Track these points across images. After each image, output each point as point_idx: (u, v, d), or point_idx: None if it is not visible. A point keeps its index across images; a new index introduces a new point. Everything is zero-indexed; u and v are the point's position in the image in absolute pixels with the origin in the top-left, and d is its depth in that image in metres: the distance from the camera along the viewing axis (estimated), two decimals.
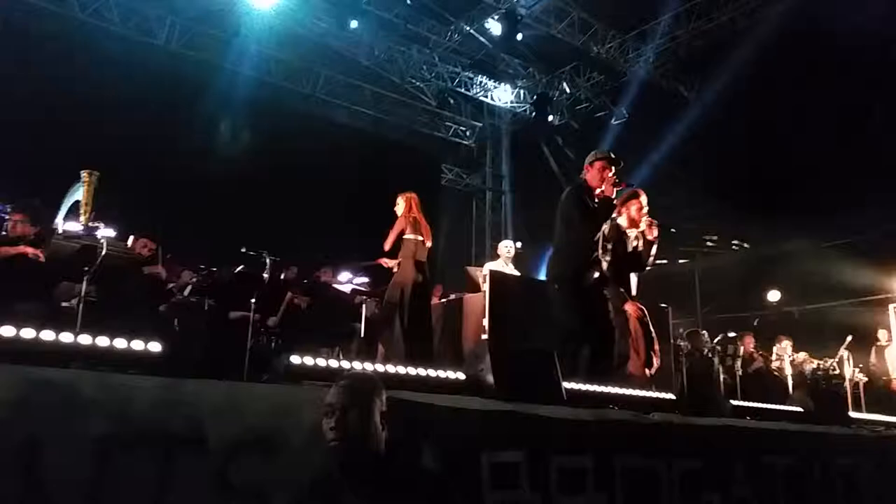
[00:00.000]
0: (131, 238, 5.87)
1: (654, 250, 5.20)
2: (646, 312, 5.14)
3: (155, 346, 3.18)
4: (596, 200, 5.02)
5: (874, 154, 10.77)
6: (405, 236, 6.36)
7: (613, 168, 5.07)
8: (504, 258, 7.86)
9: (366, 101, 13.60)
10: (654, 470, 4.06)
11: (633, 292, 5.21)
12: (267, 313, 6.38)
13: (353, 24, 11.50)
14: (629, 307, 5.03)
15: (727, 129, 12.23)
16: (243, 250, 5.58)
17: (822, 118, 11.11)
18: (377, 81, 13.46)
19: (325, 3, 11.33)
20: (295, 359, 3.16)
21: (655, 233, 5.17)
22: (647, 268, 5.28)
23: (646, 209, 5.22)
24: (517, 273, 7.74)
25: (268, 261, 5.42)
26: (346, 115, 13.26)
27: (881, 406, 8.43)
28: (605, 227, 5.04)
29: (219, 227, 8.63)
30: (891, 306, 10.47)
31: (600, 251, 4.99)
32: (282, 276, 6.58)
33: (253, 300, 5.14)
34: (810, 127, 11.12)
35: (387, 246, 6.34)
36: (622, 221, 5.18)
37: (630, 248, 5.21)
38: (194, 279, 6.64)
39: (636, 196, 5.26)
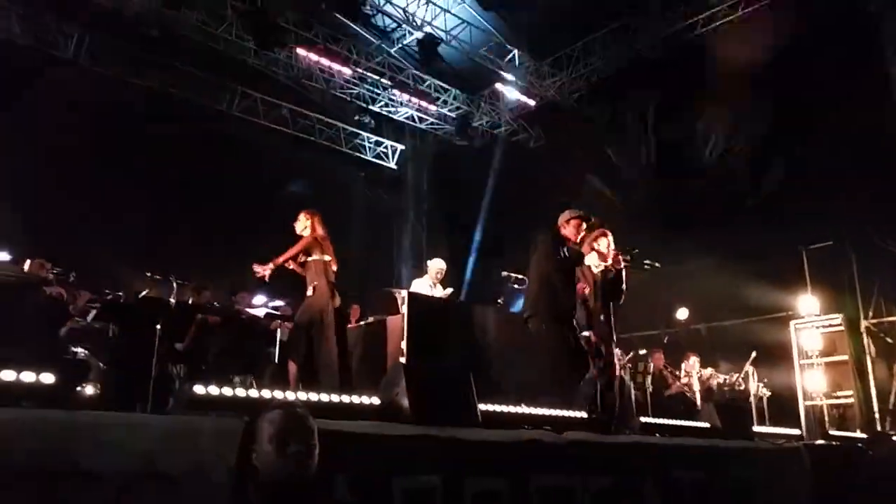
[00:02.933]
0: (28, 262, 5.55)
1: (624, 277, 5.69)
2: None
3: (47, 378, 3.01)
4: (567, 250, 5.57)
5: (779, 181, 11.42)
6: (313, 257, 6.09)
7: (586, 224, 5.67)
8: (433, 278, 7.75)
9: (283, 119, 13.42)
10: (569, 488, 4.11)
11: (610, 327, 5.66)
12: (175, 339, 6.12)
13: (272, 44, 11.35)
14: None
15: (637, 152, 12.73)
16: (148, 274, 5.35)
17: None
18: (296, 100, 13.33)
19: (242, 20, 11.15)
20: (199, 388, 3.04)
21: (623, 264, 5.64)
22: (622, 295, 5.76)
23: (612, 245, 5.69)
24: (444, 293, 7.70)
25: (175, 285, 5.21)
26: (262, 133, 13.04)
27: (783, 419, 8.85)
28: (578, 271, 5.59)
29: (125, 249, 8.27)
30: (791, 323, 11.02)
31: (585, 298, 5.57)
32: (190, 301, 6.33)
33: (158, 326, 4.94)
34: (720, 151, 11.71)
35: (283, 258, 5.95)
36: (591, 259, 5.60)
37: (601, 282, 5.67)
38: (97, 304, 6.31)
39: (603, 234, 5.74)
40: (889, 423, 10.06)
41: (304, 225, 6.23)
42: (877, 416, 10.13)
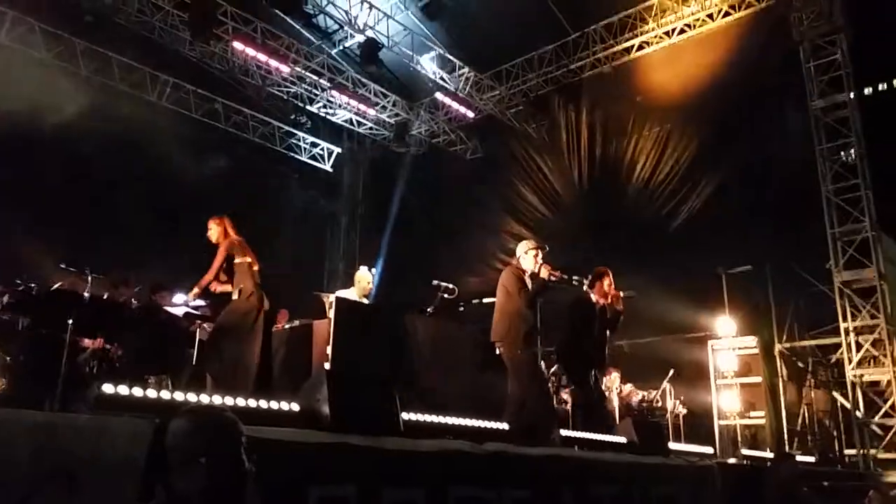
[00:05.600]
0: None
1: (621, 318, 6.51)
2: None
3: None
4: (529, 281, 5.89)
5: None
6: (236, 260, 5.88)
7: (541, 253, 5.93)
8: (360, 289, 7.40)
9: (216, 114, 13.09)
10: (485, 500, 4.10)
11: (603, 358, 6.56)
12: (88, 334, 5.82)
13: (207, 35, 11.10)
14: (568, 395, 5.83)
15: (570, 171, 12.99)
16: (63, 266, 5.09)
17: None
18: (230, 95, 13.05)
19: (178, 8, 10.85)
20: (108, 388, 2.90)
21: (621, 305, 6.40)
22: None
23: (613, 284, 6.39)
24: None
25: (90, 278, 4.98)
26: (195, 127, 12.67)
27: (698, 437, 9.11)
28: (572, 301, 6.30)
29: (42, 240, 7.86)
30: (709, 343, 11.35)
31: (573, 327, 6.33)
32: (105, 296, 6.04)
33: (70, 320, 4.70)
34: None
35: (210, 276, 5.79)
36: (594, 296, 6.29)
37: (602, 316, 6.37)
38: (6, 295, 5.96)
39: (605, 274, 6.42)
40: (796, 444, 10.51)
41: (216, 232, 6.01)
42: (786, 436, 10.56)
